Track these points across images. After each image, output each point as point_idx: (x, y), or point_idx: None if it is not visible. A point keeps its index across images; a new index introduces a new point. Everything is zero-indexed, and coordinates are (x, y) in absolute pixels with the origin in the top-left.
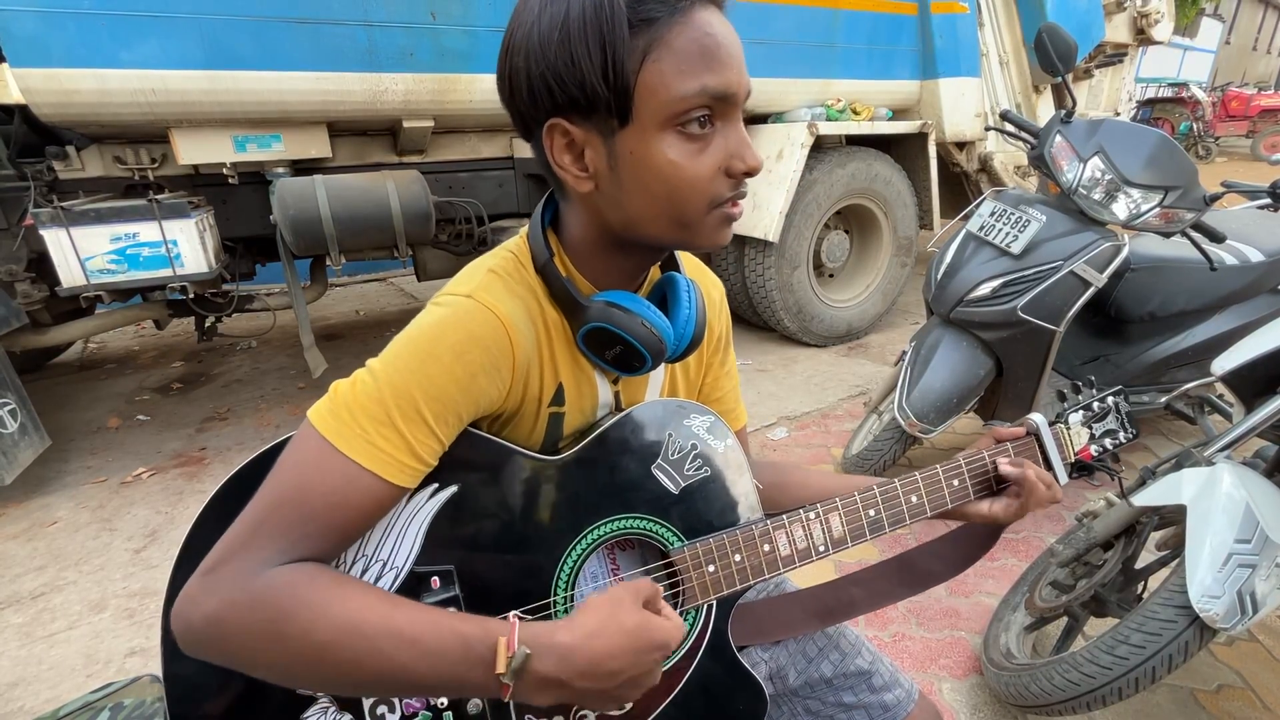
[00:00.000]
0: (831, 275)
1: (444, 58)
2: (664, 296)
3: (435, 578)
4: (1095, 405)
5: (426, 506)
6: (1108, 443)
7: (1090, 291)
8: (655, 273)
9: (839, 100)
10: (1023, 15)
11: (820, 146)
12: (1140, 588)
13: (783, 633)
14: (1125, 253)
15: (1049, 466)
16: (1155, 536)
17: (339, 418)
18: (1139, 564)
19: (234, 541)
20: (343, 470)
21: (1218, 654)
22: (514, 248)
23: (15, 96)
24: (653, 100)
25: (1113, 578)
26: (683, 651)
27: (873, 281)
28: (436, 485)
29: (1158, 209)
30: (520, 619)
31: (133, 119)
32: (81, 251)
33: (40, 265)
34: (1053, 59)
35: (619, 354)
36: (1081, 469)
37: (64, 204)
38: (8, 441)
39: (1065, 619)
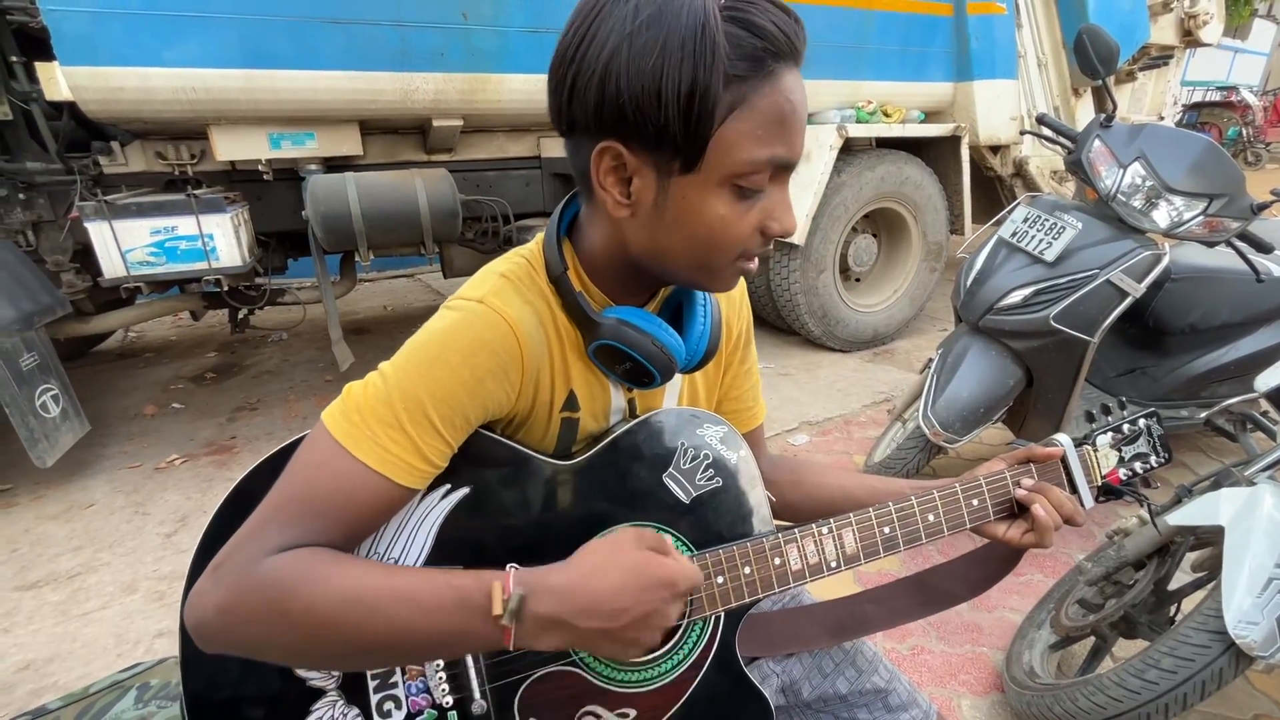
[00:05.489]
0: (858, 279)
1: (474, 57)
2: (679, 306)
3: None
4: (1126, 427)
5: (438, 507)
6: (1137, 466)
7: (1127, 302)
8: None
9: (870, 102)
10: (1063, 16)
11: (849, 149)
12: (1173, 610)
13: (794, 645)
14: (1165, 262)
15: (1074, 489)
16: (1190, 558)
17: (350, 420)
18: (1172, 585)
19: (241, 536)
20: (351, 470)
21: (1254, 682)
22: (528, 254)
23: (64, 94)
24: (724, 157)
25: (1144, 598)
26: (689, 662)
27: (900, 287)
28: (449, 486)
29: (1201, 217)
30: (515, 568)
31: (174, 116)
32: (123, 244)
33: (84, 256)
34: (1093, 61)
35: (629, 369)
36: (1108, 493)
37: (107, 197)
38: (50, 425)
39: (1092, 639)
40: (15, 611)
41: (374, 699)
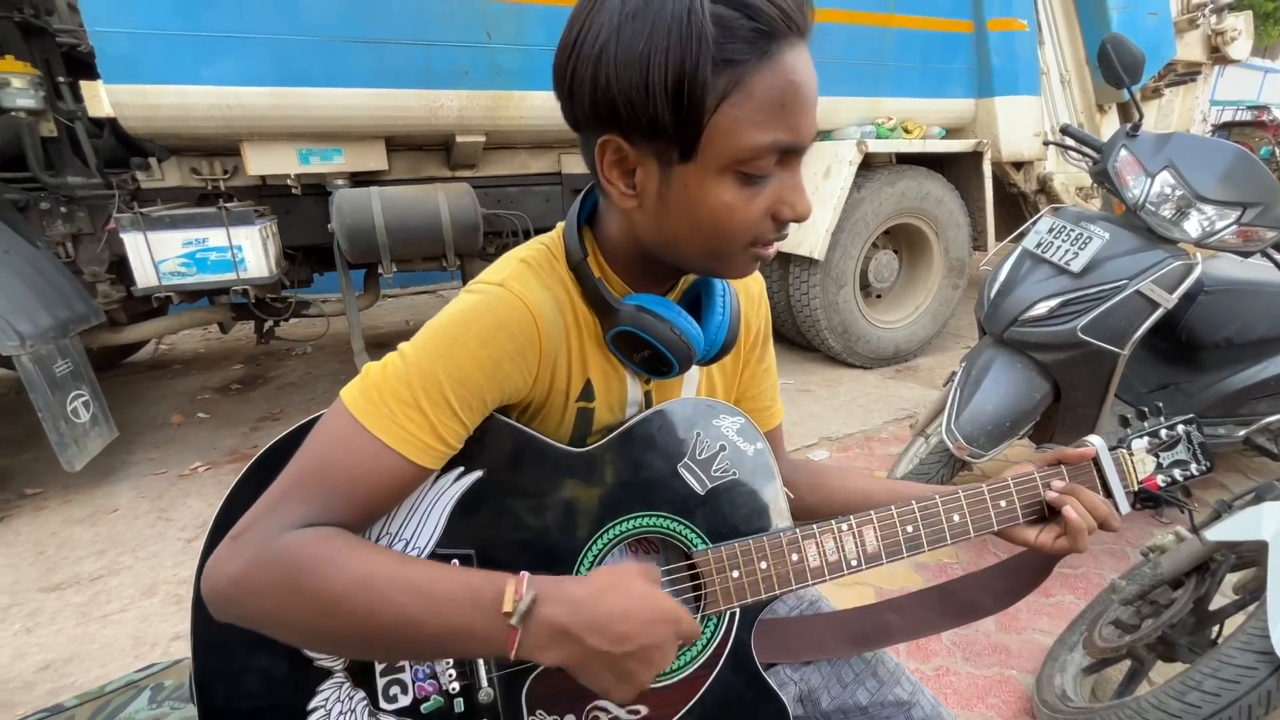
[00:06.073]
0: (879, 296)
1: (498, 75)
2: (698, 297)
3: (455, 561)
4: (1163, 433)
5: (451, 489)
6: (1177, 473)
7: (1158, 313)
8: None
9: (890, 118)
10: (1085, 32)
11: (869, 165)
12: (1215, 632)
13: (812, 653)
14: (1198, 272)
15: (1109, 494)
16: (1231, 579)
17: (368, 398)
18: (1213, 605)
19: (259, 509)
20: (367, 447)
21: None
22: (549, 241)
23: (106, 110)
24: (721, 143)
25: (1183, 618)
26: (703, 659)
27: (923, 303)
28: (462, 469)
29: (1234, 227)
30: (528, 574)
31: (209, 132)
32: (156, 254)
33: (119, 268)
34: (1118, 70)
35: (647, 357)
36: (1147, 500)
37: (143, 210)
38: (80, 430)
39: (1129, 661)
40: (39, 612)
41: (380, 683)
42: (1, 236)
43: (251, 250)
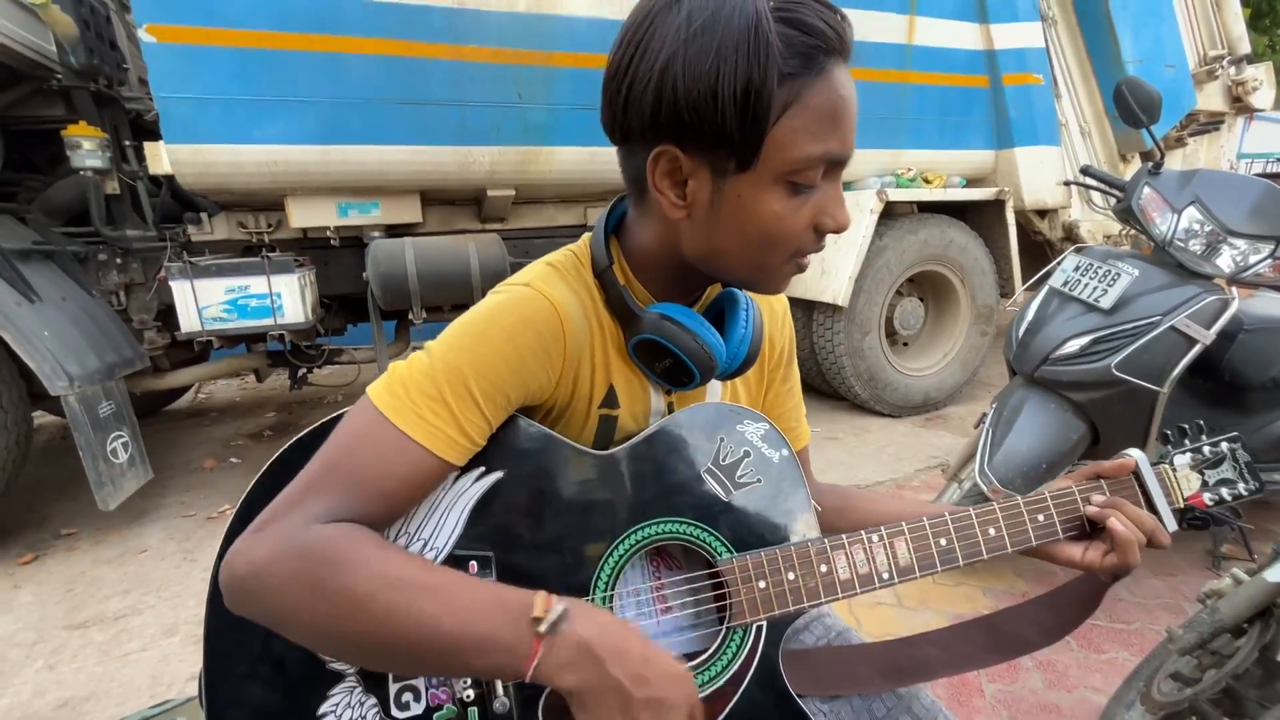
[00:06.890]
0: (906, 343)
1: (527, 132)
2: (722, 311)
3: (473, 563)
4: (1206, 450)
5: (471, 490)
6: (1224, 492)
7: (1196, 349)
8: (716, 287)
9: (909, 170)
10: (1102, 85)
11: (891, 213)
12: None
13: (844, 686)
14: (1234, 307)
15: (1153, 510)
16: None
17: (393, 392)
18: None
19: (284, 500)
20: (391, 440)
21: None
22: (576, 249)
23: (165, 168)
24: (778, 154)
25: (1249, 669)
26: (728, 675)
27: (951, 350)
28: (483, 469)
29: (1270, 260)
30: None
31: (258, 187)
32: (200, 300)
33: (166, 316)
34: (1134, 110)
35: (668, 367)
36: (1195, 520)
37: (192, 259)
38: (117, 471)
39: (1192, 719)
40: (62, 649)
41: (393, 689)
42: (61, 285)
43: (290, 296)
